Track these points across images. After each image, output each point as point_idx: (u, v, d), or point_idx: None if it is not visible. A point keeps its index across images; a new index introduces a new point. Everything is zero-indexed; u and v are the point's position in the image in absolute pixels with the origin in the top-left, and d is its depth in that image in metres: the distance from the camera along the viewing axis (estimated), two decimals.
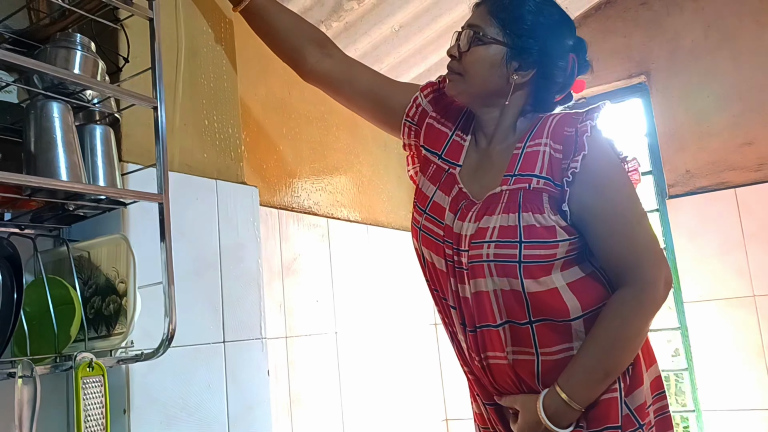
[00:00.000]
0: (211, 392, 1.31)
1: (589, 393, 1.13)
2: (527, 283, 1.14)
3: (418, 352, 2.61)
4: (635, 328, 1.14)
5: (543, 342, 1.16)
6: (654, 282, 1.14)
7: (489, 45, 1.23)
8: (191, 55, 1.42)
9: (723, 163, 2.45)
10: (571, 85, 1.29)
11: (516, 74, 1.23)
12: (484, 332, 1.19)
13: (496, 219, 1.17)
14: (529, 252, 1.14)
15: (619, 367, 1.14)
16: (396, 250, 2.53)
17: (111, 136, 1.16)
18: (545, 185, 1.17)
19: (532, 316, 1.16)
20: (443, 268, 1.24)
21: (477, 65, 1.24)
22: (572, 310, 1.15)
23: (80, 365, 0.99)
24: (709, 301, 2.41)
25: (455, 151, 1.32)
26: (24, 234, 1.15)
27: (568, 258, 1.17)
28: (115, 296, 1.11)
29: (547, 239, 1.14)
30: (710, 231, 2.42)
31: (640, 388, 1.17)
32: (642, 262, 1.15)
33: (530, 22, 1.23)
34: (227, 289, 1.39)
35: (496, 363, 1.19)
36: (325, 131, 2.29)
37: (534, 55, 1.23)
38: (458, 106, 1.37)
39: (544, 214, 1.15)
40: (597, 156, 1.16)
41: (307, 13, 2.14)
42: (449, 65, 1.29)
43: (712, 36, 2.50)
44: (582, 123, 1.18)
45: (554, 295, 1.15)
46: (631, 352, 1.16)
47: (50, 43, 1.08)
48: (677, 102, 2.54)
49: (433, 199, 1.29)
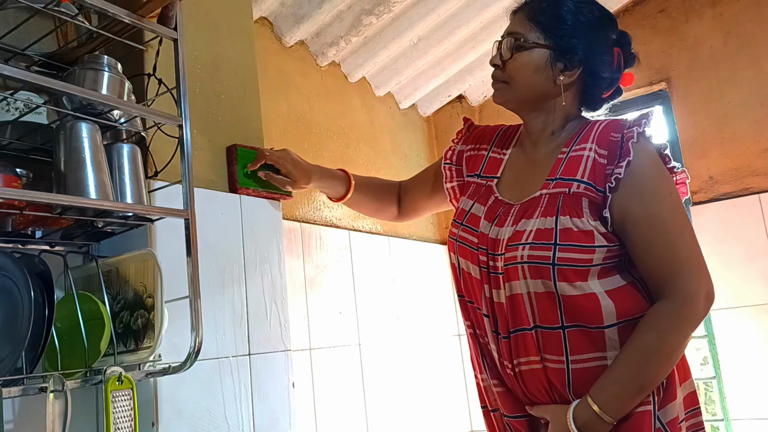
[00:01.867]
0: (237, 404, 1.32)
1: (622, 406, 1.11)
2: (561, 286, 1.13)
3: (442, 363, 2.60)
4: (673, 342, 1.11)
5: (574, 349, 1.14)
6: (694, 295, 1.11)
7: (532, 50, 1.23)
8: (214, 73, 1.45)
9: (746, 168, 2.42)
10: (618, 80, 1.28)
11: (562, 75, 1.23)
12: (518, 337, 1.18)
13: (534, 222, 1.17)
14: (564, 255, 1.13)
15: (654, 381, 1.12)
16: (418, 261, 2.53)
17: (138, 154, 1.19)
18: (586, 190, 1.16)
19: (564, 320, 1.14)
20: (477, 276, 1.24)
21: (522, 71, 1.25)
22: (607, 316, 1.13)
23: (110, 379, 1.01)
24: (735, 309, 2.37)
25: (493, 166, 1.35)
26: (54, 251, 1.18)
27: (606, 266, 1.15)
28: (143, 311, 1.13)
29: (584, 243, 1.13)
30: (735, 237, 2.39)
31: (673, 403, 1.14)
32: (682, 274, 1.12)
33: (571, 21, 1.23)
34: (252, 302, 1.41)
35: (528, 369, 1.18)
36: (346, 145, 2.31)
37: (578, 53, 1.23)
38: (492, 129, 1.42)
39: (583, 219, 1.14)
40: (642, 163, 1.15)
41: (326, 29, 2.17)
42: (493, 74, 1.30)
43: (731, 42, 2.48)
44: (629, 129, 1.16)
45: (590, 299, 1.13)
46: (668, 366, 1.13)
47: (78, 65, 1.11)
48: (698, 108, 2.52)
49: (470, 212, 1.30)
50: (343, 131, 2.31)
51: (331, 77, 2.33)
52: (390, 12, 2.13)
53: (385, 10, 2.11)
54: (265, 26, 2.07)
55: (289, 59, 2.14)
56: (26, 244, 1.14)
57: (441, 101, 2.81)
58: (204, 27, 1.45)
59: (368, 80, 2.51)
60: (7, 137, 1.11)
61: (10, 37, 1.09)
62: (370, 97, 2.52)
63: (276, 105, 2.02)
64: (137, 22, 1.11)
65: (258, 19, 2.02)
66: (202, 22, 1.44)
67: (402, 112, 2.71)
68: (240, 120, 1.50)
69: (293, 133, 2.07)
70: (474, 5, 2.28)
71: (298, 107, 2.12)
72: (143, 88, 1.28)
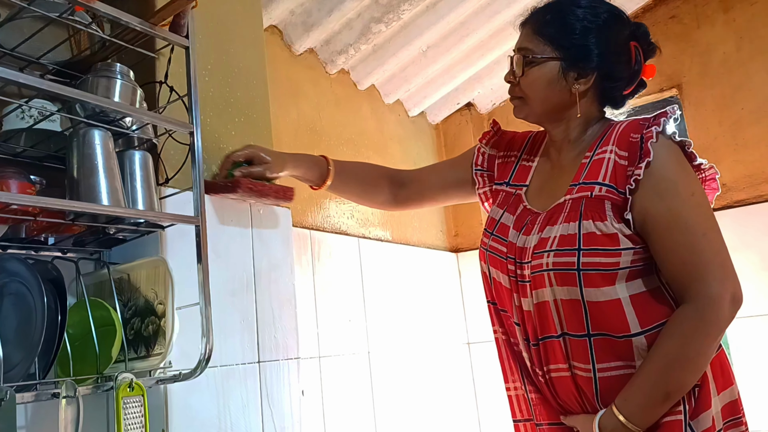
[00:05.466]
0: (247, 412, 1.32)
1: (648, 415, 1.08)
2: (588, 292, 1.11)
3: (452, 371, 2.59)
4: (696, 347, 1.08)
5: (600, 357, 1.12)
6: (717, 298, 1.07)
7: (542, 64, 1.22)
8: (225, 81, 1.46)
9: (760, 175, 2.40)
10: (639, 73, 1.26)
11: (577, 83, 1.22)
12: (546, 344, 1.17)
13: (558, 228, 1.16)
14: (589, 260, 1.11)
15: (680, 389, 1.09)
16: (427, 269, 2.52)
17: (149, 161, 1.19)
18: (608, 192, 1.14)
19: (591, 329, 1.12)
20: (507, 285, 1.24)
21: (535, 86, 1.24)
22: (632, 325, 1.11)
23: (121, 385, 1.01)
24: (751, 318, 2.35)
25: (522, 174, 1.34)
26: (66, 258, 1.19)
27: (634, 269, 1.12)
28: (154, 317, 1.14)
29: (608, 247, 1.11)
30: (750, 245, 2.37)
31: (707, 412, 1.10)
32: (705, 277, 1.09)
33: (578, 29, 1.22)
34: (262, 309, 1.41)
35: (558, 376, 1.17)
36: (356, 152, 2.31)
37: (590, 59, 1.21)
38: (521, 136, 1.41)
39: (606, 222, 1.12)
40: (662, 163, 1.13)
41: (336, 37, 2.18)
42: (509, 91, 1.30)
43: (744, 48, 2.47)
44: (648, 129, 1.14)
45: (615, 307, 1.11)
46: (694, 372, 1.09)
47: (91, 73, 1.12)
48: (710, 115, 2.50)
49: (500, 221, 1.30)
50: (352, 139, 2.31)
51: (341, 85, 2.34)
52: (399, 20, 2.14)
53: (394, 18, 2.12)
54: (274, 34, 2.09)
55: (298, 67, 2.15)
56: (39, 250, 1.15)
57: (450, 109, 2.81)
58: (215, 35, 1.46)
59: (377, 88, 2.51)
60: (22, 145, 1.12)
61: (25, 46, 1.10)
62: (379, 104, 2.53)
63: (286, 112, 2.03)
64: (149, 30, 1.12)
65: (268, 27, 2.04)
66: (213, 30, 1.45)
67: (411, 119, 2.71)
68: (250, 127, 1.50)
69: (303, 141, 2.08)
70: (483, 13, 2.28)
71: (308, 115, 2.13)
72: (155, 95, 1.29)
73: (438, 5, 2.19)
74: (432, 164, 1.61)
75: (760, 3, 2.45)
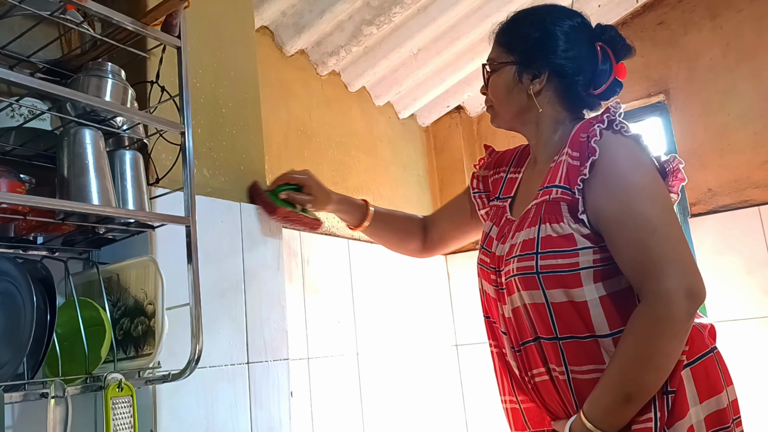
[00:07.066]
0: (236, 413, 1.32)
1: (614, 418, 1.06)
2: (551, 294, 1.11)
3: (440, 373, 2.59)
4: (652, 346, 1.04)
5: (571, 360, 1.12)
6: (669, 295, 1.04)
7: (501, 70, 1.29)
8: (216, 81, 1.46)
9: (746, 180, 2.43)
10: (607, 72, 1.26)
11: (532, 84, 1.26)
12: (527, 349, 1.18)
13: (522, 234, 1.18)
14: (546, 262, 1.12)
15: (642, 390, 1.05)
16: (416, 271, 2.53)
17: (140, 161, 1.19)
18: (563, 194, 1.15)
19: (558, 331, 1.12)
20: (493, 295, 1.26)
21: (497, 92, 1.31)
22: (598, 327, 1.10)
23: (110, 386, 1.01)
24: (735, 321, 2.37)
25: (509, 186, 1.38)
26: (56, 257, 1.18)
27: (601, 268, 1.11)
28: (144, 317, 1.13)
29: (565, 248, 1.11)
30: (734, 249, 2.39)
31: (682, 422, 1.07)
32: (656, 274, 1.05)
33: (529, 32, 1.28)
34: (251, 310, 1.41)
35: (541, 381, 1.17)
36: (346, 153, 2.31)
37: (541, 58, 1.25)
38: (511, 151, 1.45)
39: (562, 223, 1.13)
40: (609, 159, 1.12)
41: (327, 39, 2.19)
42: (485, 102, 1.36)
43: (731, 54, 2.49)
44: (592, 127, 1.15)
45: (581, 309, 1.10)
46: (655, 372, 1.05)
47: (82, 72, 1.12)
48: (697, 120, 2.53)
49: (489, 234, 1.33)
50: (342, 140, 2.31)
51: (331, 86, 2.34)
52: (390, 22, 2.15)
53: (385, 21, 2.12)
54: (266, 35, 2.08)
55: (289, 68, 2.15)
56: (28, 249, 1.15)
57: (440, 111, 2.82)
58: (207, 35, 1.46)
59: (368, 90, 2.52)
60: (11, 143, 1.12)
61: (16, 44, 1.10)
62: (369, 106, 2.53)
63: (276, 113, 2.03)
64: (141, 30, 1.11)
65: (259, 27, 2.04)
66: (205, 30, 1.45)
67: (401, 121, 2.72)
68: (241, 128, 1.50)
69: (293, 142, 2.08)
70: (474, 17, 2.29)
71: (298, 116, 2.13)
72: (146, 95, 1.28)
73: (429, 8, 2.20)
74: (443, 205, 1.66)
75: (747, 10, 2.48)
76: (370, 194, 2.40)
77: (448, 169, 2.86)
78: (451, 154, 2.87)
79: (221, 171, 1.43)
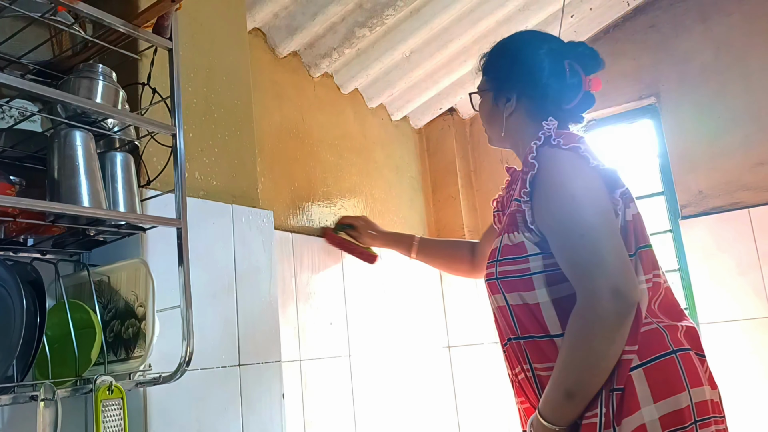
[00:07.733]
0: (227, 415, 1.31)
1: (560, 414, 1.14)
2: (511, 297, 1.22)
3: (433, 375, 2.59)
4: (585, 345, 1.10)
5: (533, 358, 1.22)
6: (594, 295, 1.09)
7: (483, 97, 1.44)
8: (208, 83, 1.46)
9: (736, 183, 2.44)
10: (577, 86, 1.34)
11: (505, 108, 1.38)
12: (507, 348, 1.29)
13: (493, 244, 1.31)
14: (503, 268, 1.24)
15: (582, 387, 1.11)
16: (408, 272, 2.53)
17: (131, 162, 1.19)
18: (517, 206, 1.26)
19: (519, 331, 1.22)
20: None
21: (483, 118, 1.46)
22: (551, 326, 1.18)
23: (100, 388, 1.01)
24: (725, 323, 2.38)
25: (508, 199, 1.44)
26: (46, 259, 1.18)
27: (553, 272, 1.19)
28: (134, 320, 1.13)
29: (516, 255, 1.22)
30: (725, 251, 2.41)
31: (630, 418, 1.10)
32: (582, 276, 1.12)
33: (495, 60, 1.42)
34: (243, 312, 1.40)
35: (523, 378, 1.26)
36: (338, 155, 2.31)
37: (509, 83, 1.37)
38: None
39: (516, 233, 1.24)
40: (545, 173, 1.22)
41: (320, 41, 2.19)
42: None
43: (722, 57, 2.51)
44: (529, 145, 1.27)
45: (535, 310, 1.19)
46: (589, 370, 1.11)
47: (73, 73, 1.12)
48: (688, 123, 2.54)
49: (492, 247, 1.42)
50: (335, 142, 2.31)
51: (324, 88, 2.34)
52: (383, 25, 2.15)
53: (378, 23, 2.12)
54: (258, 37, 2.08)
55: (282, 70, 2.15)
56: (18, 251, 1.14)
57: (433, 114, 2.82)
58: (199, 37, 1.46)
59: (361, 92, 2.52)
60: (2, 145, 1.11)
61: (6, 45, 1.09)
62: (362, 108, 2.53)
63: (269, 115, 2.03)
64: (132, 31, 1.11)
65: (251, 29, 2.03)
66: (197, 32, 1.45)
67: (394, 124, 2.72)
68: (233, 130, 1.50)
69: (286, 144, 2.07)
70: (466, 19, 2.30)
71: (291, 118, 2.13)
72: (137, 97, 1.28)
73: (421, 11, 2.20)
74: (483, 235, 1.82)
75: (737, 14, 2.50)
76: (363, 196, 2.40)
77: (440, 171, 2.86)
78: (443, 156, 2.87)
79: (213, 173, 1.43)
